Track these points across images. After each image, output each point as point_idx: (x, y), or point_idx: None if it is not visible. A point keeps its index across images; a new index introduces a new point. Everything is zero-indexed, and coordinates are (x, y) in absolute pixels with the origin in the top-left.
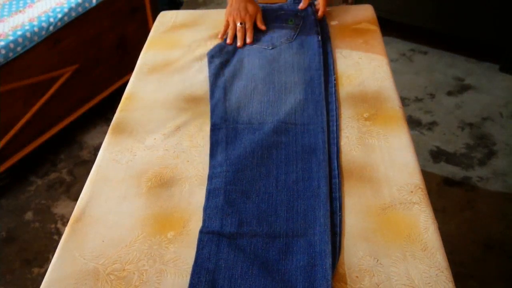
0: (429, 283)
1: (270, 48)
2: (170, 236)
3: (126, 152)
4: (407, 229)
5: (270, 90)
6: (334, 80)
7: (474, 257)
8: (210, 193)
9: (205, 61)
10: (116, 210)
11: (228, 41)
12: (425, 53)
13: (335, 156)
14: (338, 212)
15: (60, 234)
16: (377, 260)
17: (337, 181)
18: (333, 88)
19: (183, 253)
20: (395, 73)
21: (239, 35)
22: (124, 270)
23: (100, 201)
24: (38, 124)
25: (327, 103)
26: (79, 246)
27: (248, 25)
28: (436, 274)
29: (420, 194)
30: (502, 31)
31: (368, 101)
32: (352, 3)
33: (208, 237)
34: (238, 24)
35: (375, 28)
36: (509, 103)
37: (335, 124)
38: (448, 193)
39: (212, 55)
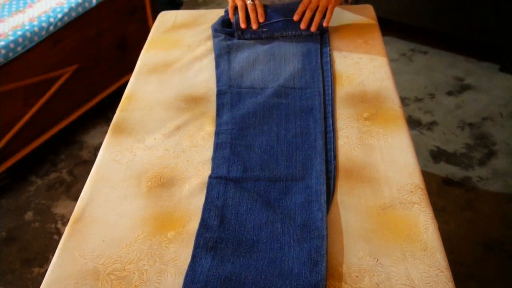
0: (429, 283)
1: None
2: (170, 236)
3: (126, 152)
4: (407, 229)
5: (271, 60)
6: (329, 51)
7: (474, 257)
8: (218, 146)
9: (205, 61)
10: (116, 210)
11: (242, 25)
12: (425, 53)
13: (330, 115)
14: (332, 160)
15: (60, 234)
16: (377, 260)
17: (332, 135)
18: (328, 58)
19: (183, 253)
20: (395, 73)
21: (252, 15)
22: (124, 270)
23: (100, 201)
24: (38, 124)
25: (323, 71)
26: (79, 246)
27: (257, 1)
28: (436, 274)
29: (420, 194)
30: (502, 31)
31: (368, 101)
32: (352, 3)
33: (217, 181)
34: (249, 2)
35: (375, 28)
36: (509, 103)
37: (330, 88)
38: (448, 193)
39: (215, 29)
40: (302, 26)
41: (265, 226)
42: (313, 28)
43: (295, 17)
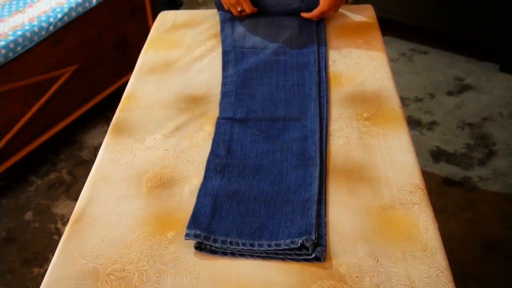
0: (429, 283)
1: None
2: (170, 236)
3: (126, 152)
4: (407, 229)
5: (271, 26)
6: (324, 26)
7: (474, 257)
8: (224, 94)
9: (205, 61)
10: (116, 210)
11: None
12: (425, 53)
13: (323, 69)
14: (325, 105)
15: (60, 234)
16: (377, 260)
17: (325, 85)
18: (322, 25)
19: (183, 253)
20: (395, 73)
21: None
22: (124, 270)
23: (100, 201)
24: (38, 124)
25: (318, 33)
26: (79, 246)
27: (246, 6)
28: (436, 274)
29: (420, 194)
30: (502, 31)
31: (368, 101)
32: (352, 3)
33: (224, 121)
34: (238, 10)
35: (375, 28)
36: (509, 103)
37: (324, 46)
38: (448, 193)
39: (217, 3)
40: None
41: (266, 155)
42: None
43: None
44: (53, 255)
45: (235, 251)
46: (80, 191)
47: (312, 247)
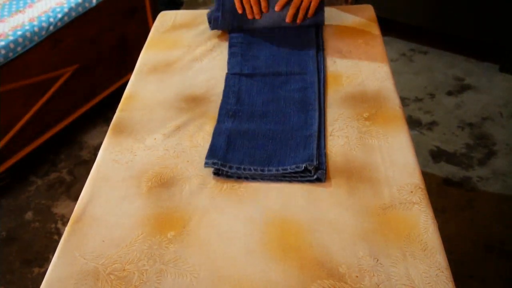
0: (429, 283)
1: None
2: (170, 236)
3: (126, 152)
4: (407, 229)
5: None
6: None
7: (474, 257)
8: (231, 55)
9: (205, 61)
10: (116, 210)
11: (249, 16)
12: (425, 53)
13: (320, 35)
14: (322, 61)
15: (60, 234)
16: (377, 260)
17: (321, 47)
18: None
19: (183, 253)
20: (395, 73)
21: (255, 8)
22: (124, 270)
23: (100, 201)
24: (38, 124)
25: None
26: (79, 246)
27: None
28: (436, 274)
29: (420, 194)
30: (502, 31)
31: (368, 101)
32: (352, 3)
33: (232, 76)
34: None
35: (375, 28)
36: (509, 103)
37: (320, 28)
38: (448, 193)
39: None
40: (287, 20)
41: (272, 102)
42: (298, 21)
43: (276, 8)
44: (53, 255)
45: (248, 175)
46: (80, 191)
47: (314, 170)
